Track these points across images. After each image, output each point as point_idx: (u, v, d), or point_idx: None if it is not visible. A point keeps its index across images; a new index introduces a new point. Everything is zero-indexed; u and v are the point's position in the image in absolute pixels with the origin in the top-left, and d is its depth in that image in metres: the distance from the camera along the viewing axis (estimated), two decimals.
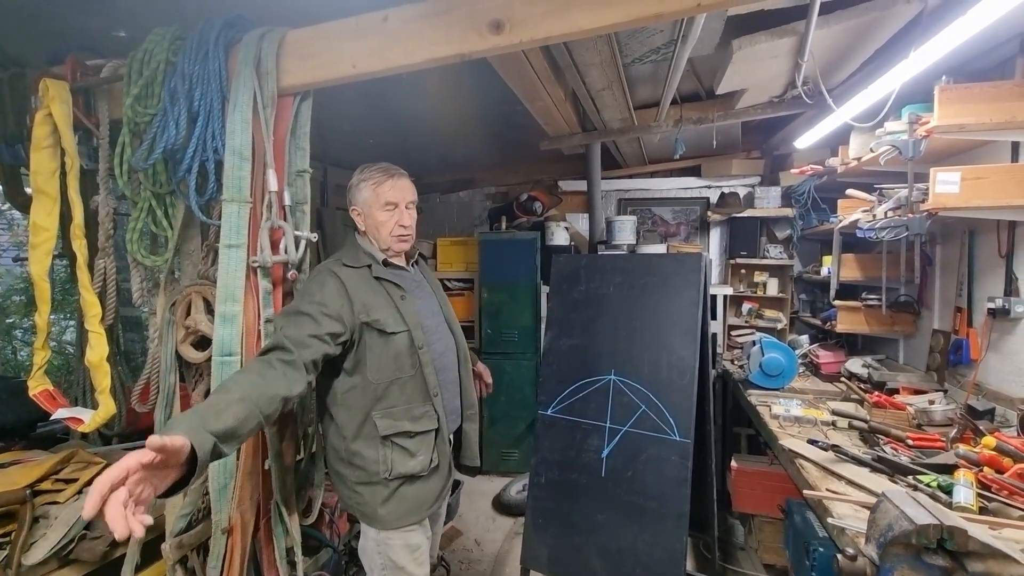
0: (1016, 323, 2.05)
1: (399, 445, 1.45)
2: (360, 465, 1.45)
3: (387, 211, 1.49)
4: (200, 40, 1.44)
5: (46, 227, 1.54)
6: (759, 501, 2.46)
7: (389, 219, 1.49)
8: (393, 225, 1.50)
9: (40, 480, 1.53)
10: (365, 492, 1.46)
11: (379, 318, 1.43)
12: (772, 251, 3.87)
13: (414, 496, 1.48)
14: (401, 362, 1.46)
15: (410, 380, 1.47)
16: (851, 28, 1.96)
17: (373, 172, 1.51)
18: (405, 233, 1.53)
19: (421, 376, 1.48)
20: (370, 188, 1.49)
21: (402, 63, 1.38)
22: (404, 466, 1.45)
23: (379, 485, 1.45)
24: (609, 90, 2.49)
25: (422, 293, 1.62)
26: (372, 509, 1.46)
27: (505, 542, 2.94)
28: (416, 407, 1.48)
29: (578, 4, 1.23)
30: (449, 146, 3.89)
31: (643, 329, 2.17)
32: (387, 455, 1.44)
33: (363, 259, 1.51)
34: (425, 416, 1.48)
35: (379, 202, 1.49)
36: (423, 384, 1.48)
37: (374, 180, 1.50)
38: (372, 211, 1.50)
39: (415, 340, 1.47)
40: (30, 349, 4.41)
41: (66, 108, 1.50)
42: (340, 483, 1.51)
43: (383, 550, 1.48)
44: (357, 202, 1.53)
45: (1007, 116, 1.84)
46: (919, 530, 1.00)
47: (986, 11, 1.50)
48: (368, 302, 1.44)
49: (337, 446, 1.48)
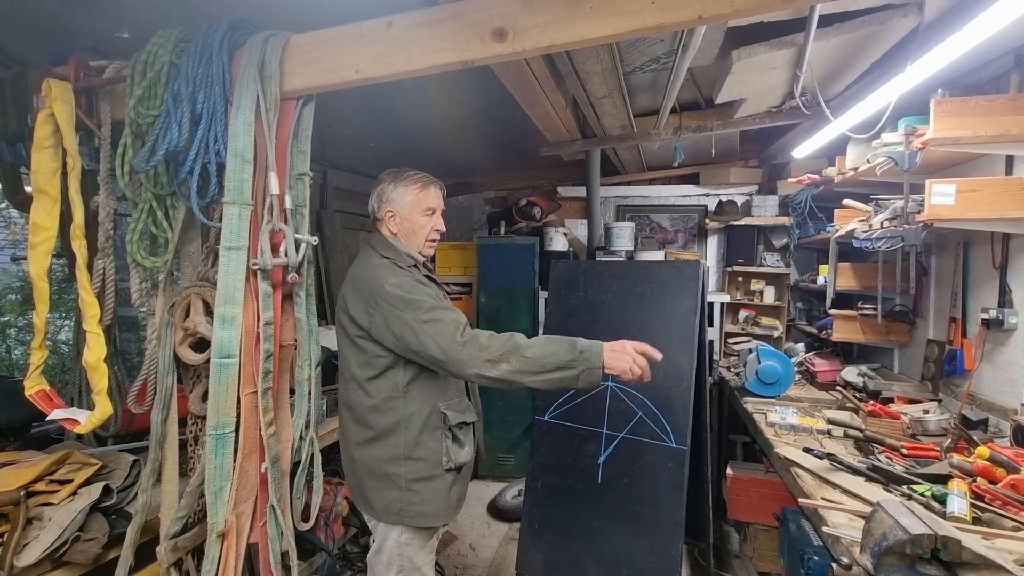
0: (1009, 334, 2.06)
1: (456, 436, 1.53)
2: (423, 457, 1.49)
3: (427, 216, 1.58)
4: (204, 43, 1.44)
5: (46, 227, 1.53)
6: (754, 509, 2.46)
7: (427, 223, 1.58)
8: (430, 230, 1.59)
9: (34, 481, 1.51)
10: (423, 489, 1.49)
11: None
12: (769, 259, 3.90)
13: (459, 489, 1.58)
14: None
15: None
16: (849, 41, 1.98)
17: (416, 177, 1.59)
18: (437, 238, 1.62)
19: None
20: (414, 192, 1.57)
21: (405, 69, 1.39)
22: (459, 456, 1.53)
23: (438, 479, 1.50)
24: (609, 98, 2.51)
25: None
26: (428, 506, 1.50)
27: (500, 548, 2.93)
28: (463, 399, 1.59)
29: (581, 14, 1.24)
30: (449, 150, 3.90)
31: (640, 335, 2.16)
32: (448, 446, 1.52)
33: (407, 260, 1.57)
34: (468, 409, 1.59)
35: (421, 207, 1.56)
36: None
37: (418, 185, 1.58)
38: (413, 215, 1.57)
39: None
40: (24, 348, 4.39)
41: (68, 108, 1.50)
42: (390, 486, 1.51)
43: (404, 551, 1.50)
44: (397, 204, 1.58)
45: (1001, 129, 1.87)
46: (913, 540, 1.01)
47: (982, 27, 1.52)
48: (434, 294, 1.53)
49: (401, 442, 1.50)
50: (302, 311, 1.54)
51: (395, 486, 1.51)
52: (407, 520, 1.51)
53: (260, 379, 1.47)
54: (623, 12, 1.21)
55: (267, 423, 1.46)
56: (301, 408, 1.56)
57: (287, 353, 1.54)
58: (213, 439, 1.40)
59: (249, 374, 1.45)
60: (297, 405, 1.56)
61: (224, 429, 1.41)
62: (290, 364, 1.56)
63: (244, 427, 1.43)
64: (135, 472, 1.69)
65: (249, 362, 1.45)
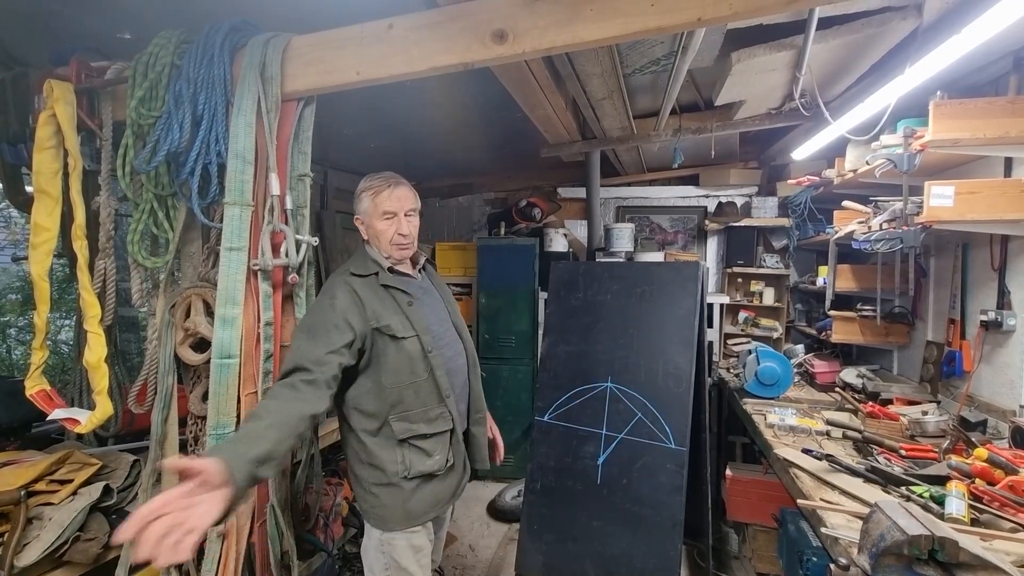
0: (1008, 336, 2.07)
1: (416, 446, 1.50)
2: (378, 466, 1.49)
3: (386, 220, 1.52)
4: (205, 44, 1.45)
5: (47, 227, 1.54)
6: (753, 510, 2.46)
7: (388, 228, 1.52)
8: (392, 234, 1.52)
9: (34, 481, 1.52)
10: (382, 494, 1.49)
11: (389, 323, 1.47)
12: (769, 261, 3.90)
13: (432, 494, 1.53)
14: (415, 366, 1.50)
15: (424, 383, 1.51)
16: (848, 43, 1.99)
17: (373, 181, 1.54)
18: (404, 242, 1.55)
19: (433, 379, 1.52)
20: (369, 198, 1.52)
21: (406, 71, 1.40)
22: (422, 465, 1.50)
23: (396, 487, 1.48)
24: (609, 99, 2.51)
25: (429, 299, 1.65)
26: (386, 511, 1.49)
27: (499, 548, 2.93)
28: (431, 409, 1.52)
29: (581, 17, 1.25)
30: (449, 151, 3.90)
31: (640, 337, 2.18)
32: (405, 455, 1.49)
33: (371, 267, 1.54)
34: (440, 418, 1.53)
35: (378, 212, 1.51)
36: (435, 387, 1.52)
37: (373, 190, 1.52)
38: (372, 220, 1.53)
39: (424, 344, 1.51)
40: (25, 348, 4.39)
41: (70, 109, 1.51)
42: (357, 485, 1.55)
43: (387, 550, 1.50)
44: (359, 211, 1.56)
45: (1000, 132, 1.87)
46: (911, 541, 1.01)
47: (981, 29, 1.53)
48: (377, 309, 1.47)
49: (357, 449, 1.52)
50: (303, 311, 1.55)
51: (361, 486, 1.53)
52: (371, 521, 1.52)
53: (260, 379, 1.47)
54: (623, 14, 1.22)
55: None
56: None
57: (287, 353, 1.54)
58: (213, 439, 1.41)
59: (249, 374, 1.46)
60: None
61: (224, 429, 1.42)
62: None
63: None
64: (135, 472, 1.70)
65: (249, 362, 1.46)
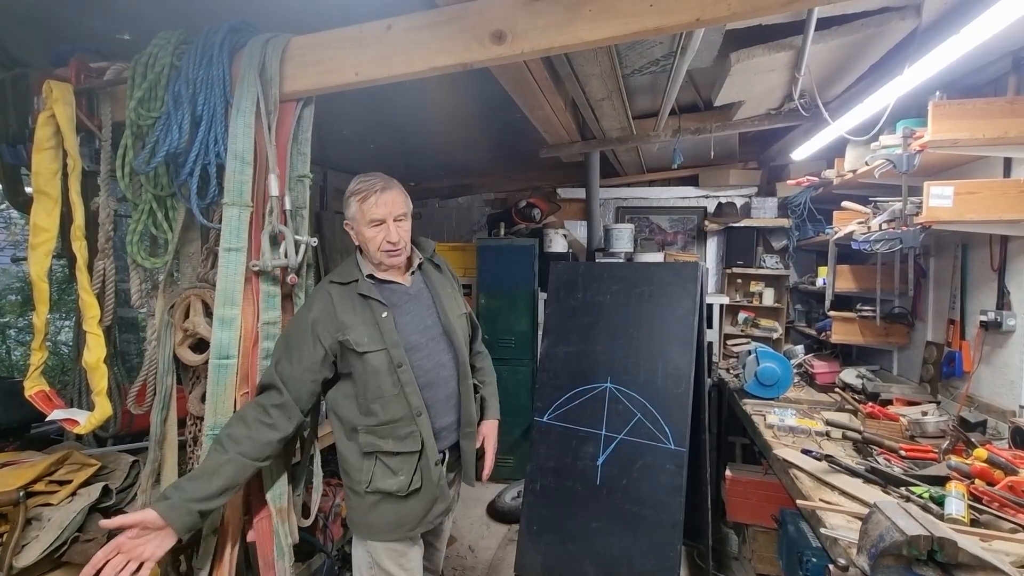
0: (1008, 336, 2.07)
1: (382, 461, 1.45)
2: (348, 471, 1.49)
3: (374, 227, 1.44)
4: (204, 45, 1.45)
5: (46, 228, 1.54)
6: (753, 511, 2.46)
7: (376, 235, 1.44)
8: (381, 241, 1.45)
9: (33, 482, 1.52)
10: (350, 498, 1.50)
11: (352, 337, 1.40)
12: (768, 261, 3.90)
13: (394, 513, 1.46)
14: (381, 380, 1.43)
15: (393, 399, 1.44)
16: (847, 44, 1.99)
17: (360, 184, 1.46)
18: (393, 249, 1.46)
19: (404, 395, 1.44)
20: (356, 204, 1.45)
21: (405, 71, 1.40)
22: (383, 482, 1.44)
23: (359, 496, 1.46)
24: (609, 100, 2.51)
25: (414, 307, 1.55)
26: (355, 515, 1.49)
27: (499, 549, 2.93)
28: (401, 426, 1.44)
29: (579, 17, 1.25)
30: (449, 152, 3.91)
31: (639, 337, 2.18)
32: (370, 468, 1.44)
33: (352, 275, 1.49)
34: (409, 437, 1.45)
35: (365, 218, 1.44)
36: (406, 404, 1.45)
37: (360, 195, 1.45)
38: (361, 227, 1.46)
39: (393, 359, 1.43)
40: (24, 349, 4.39)
41: (69, 110, 1.51)
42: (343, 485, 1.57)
43: (370, 549, 1.50)
44: (347, 216, 1.50)
45: (999, 132, 1.87)
46: (909, 541, 1.01)
47: (979, 30, 1.53)
48: (347, 320, 1.42)
49: (338, 448, 1.52)
50: None
51: (343, 486, 1.54)
52: (352, 526, 1.52)
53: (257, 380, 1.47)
54: (622, 15, 1.22)
55: None
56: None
57: None
58: (211, 439, 1.40)
59: (245, 374, 1.46)
60: None
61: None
62: None
63: None
64: (134, 473, 1.69)
65: (246, 362, 1.46)
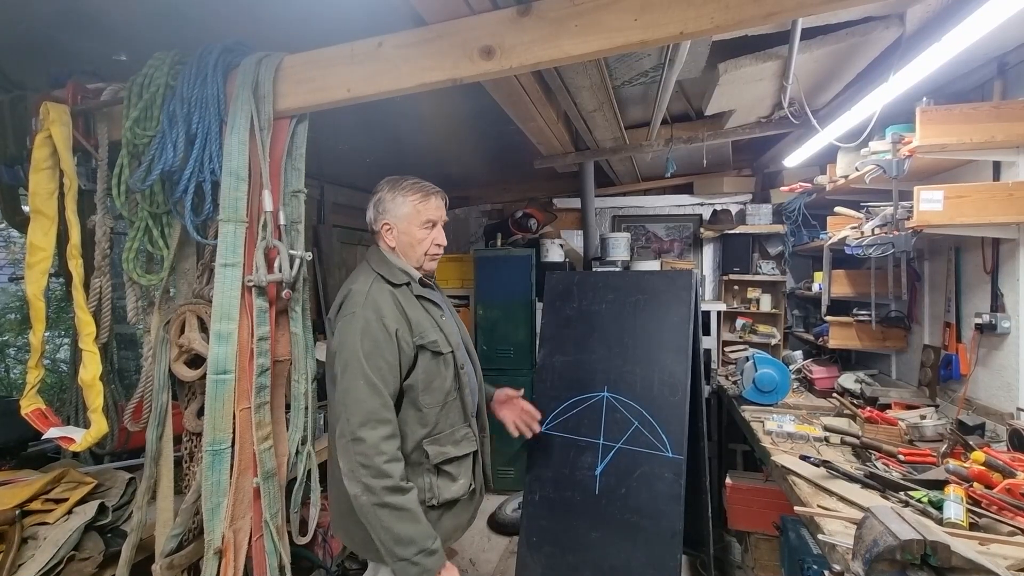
0: (1003, 338, 2.07)
1: (444, 470, 1.42)
2: None
3: (426, 229, 1.47)
4: (199, 65, 1.47)
5: (43, 247, 1.55)
6: (754, 518, 2.45)
7: (427, 237, 1.47)
8: (430, 244, 1.48)
9: (30, 500, 1.52)
10: None
11: (434, 339, 1.40)
12: (764, 267, 3.91)
13: (452, 521, 1.45)
14: (448, 384, 1.43)
15: (453, 403, 1.45)
16: (833, 52, 2.02)
17: (414, 187, 1.48)
18: (439, 252, 1.51)
19: (460, 397, 1.46)
20: (412, 204, 1.46)
21: (395, 87, 1.42)
22: (449, 491, 1.42)
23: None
24: (600, 111, 2.54)
25: (450, 313, 1.60)
26: None
27: (501, 562, 2.91)
28: (458, 429, 1.45)
29: (566, 32, 1.27)
30: (445, 164, 3.94)
31: (635, 346, 2.18)
32: (433, 482, 1.40)
33: (401, 276, 1.46)
34: (465, 439, 1.46)
35: (419, 219, 1.46)
36: (462, 405, 1.46)
37: (417, 196, 1.47)
38: (411, 228, 1.47)
39: (458, 360, 1.45)
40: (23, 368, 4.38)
41: (66, 130, 1.53)
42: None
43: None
44: (394, 216, 1.47)
45: (986, 136, 1.90)
46: (903, 546, 1.01)
47: (960, 37, 1.56)
48: (420, 323, 1.40)
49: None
50: (298, 326, 1.55)
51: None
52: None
53: (254, 394, 1.47)
54: (607, 30, 1.25)
55: (262, 437, 1.46)
56: (297, 423, 1.57)
57: (282, 368, 1.55)
58: (210, 455, 1.41)
59: (243, 389, 1.46)
60: (293, 420, 1.56)
61: (221, 445, 1.42)
62: (285, 379, 1.57)
63: (240, 443, 1.44)
64: (131, 490, 1.69)
65: (243, 378, 1.46)
